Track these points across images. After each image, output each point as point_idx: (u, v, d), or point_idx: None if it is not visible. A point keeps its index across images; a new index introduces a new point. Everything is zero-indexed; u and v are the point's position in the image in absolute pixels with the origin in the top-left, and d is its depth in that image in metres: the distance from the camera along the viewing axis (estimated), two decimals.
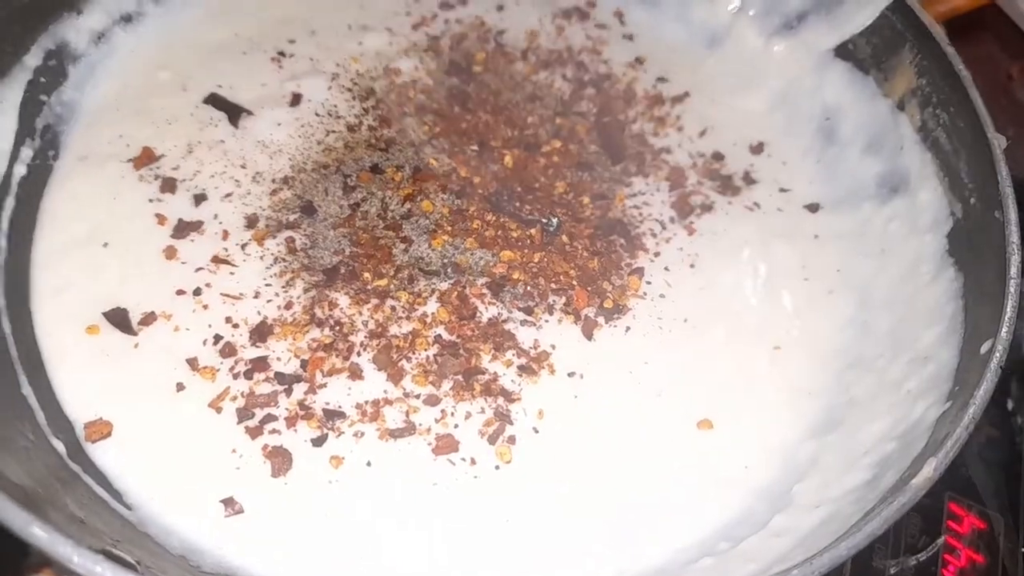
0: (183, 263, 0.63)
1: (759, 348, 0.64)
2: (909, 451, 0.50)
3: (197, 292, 0.61)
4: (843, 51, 0.75)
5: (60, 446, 0.53)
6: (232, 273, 0.63)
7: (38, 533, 0.37)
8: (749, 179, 0.75)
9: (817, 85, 0.76)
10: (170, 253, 0.63)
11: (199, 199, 0.66)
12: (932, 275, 0.62)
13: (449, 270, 0.65)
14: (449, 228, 0.67)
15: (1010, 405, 0.72)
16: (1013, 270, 0.54)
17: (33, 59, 0.66)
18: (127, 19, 0.73)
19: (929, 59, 0.67)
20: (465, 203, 0.69)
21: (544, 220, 0.68)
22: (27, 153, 0.64)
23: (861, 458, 0.54)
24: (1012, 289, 0.52)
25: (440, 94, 0.77)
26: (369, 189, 0.69)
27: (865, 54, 0.74)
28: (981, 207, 0.60)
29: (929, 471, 0.45)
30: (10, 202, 0.62)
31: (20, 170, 0.64)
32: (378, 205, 0.68)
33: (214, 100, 0.72)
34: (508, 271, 0.65)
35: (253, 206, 0.67)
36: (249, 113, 0.72)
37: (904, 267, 0.66)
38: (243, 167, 0.69)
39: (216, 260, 0.63)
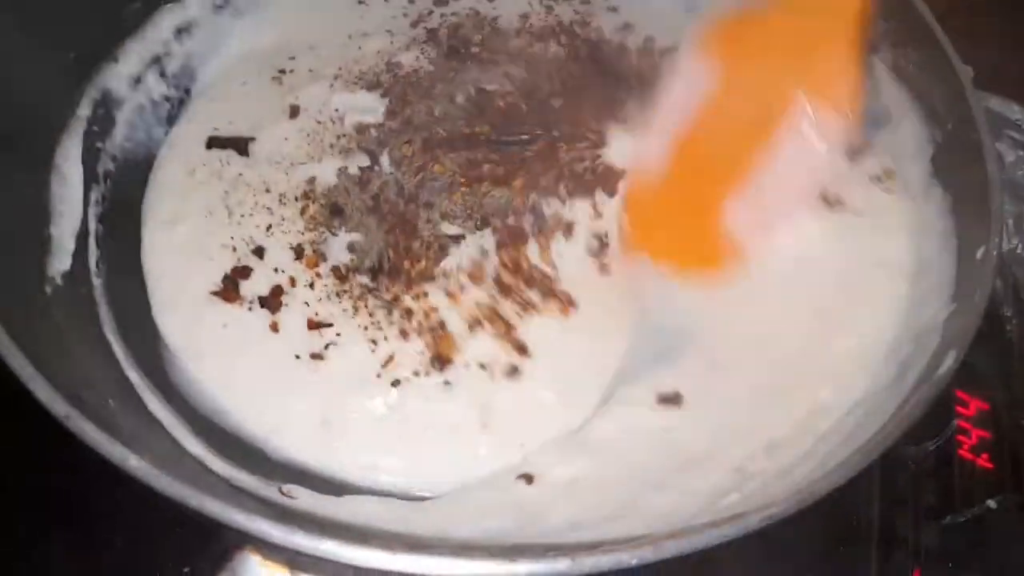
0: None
1: None
2: (926, 350, 0.59)
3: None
4: None
5: None
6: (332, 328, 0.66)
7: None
8: None
9: None
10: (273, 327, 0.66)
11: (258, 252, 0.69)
12: (923, 196, 0.71)
13: (478, 220, 0.71)
14: (463, 180, 0.74)
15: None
16: (992, 184, 0.62)
17: (84, 110, 0.71)
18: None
19: (893, 3, 0.75)
20: (473, 152, 0.75)
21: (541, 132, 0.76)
22: (95, 196, 0.70)
23: (882, 361, 0.63)
24: (995, 197, 0.61)
25: (441, 74, 0.83)
26: (383, 176, 0.74)
27: None
28: (958, 131, 0.68)
29: (951, 361, 0.53)
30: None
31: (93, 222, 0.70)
32: (395, 187, 0.73)
33: (214, 142, 0.76)
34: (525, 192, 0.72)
35: (292, 232, 0.70)
36: (252, 139, 0.76)
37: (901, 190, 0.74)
38: (267, 191, 0.74)
39: (314, 326, 0.65)
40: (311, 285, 0.67)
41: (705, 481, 0.59)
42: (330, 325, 0.65)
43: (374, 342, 0.64)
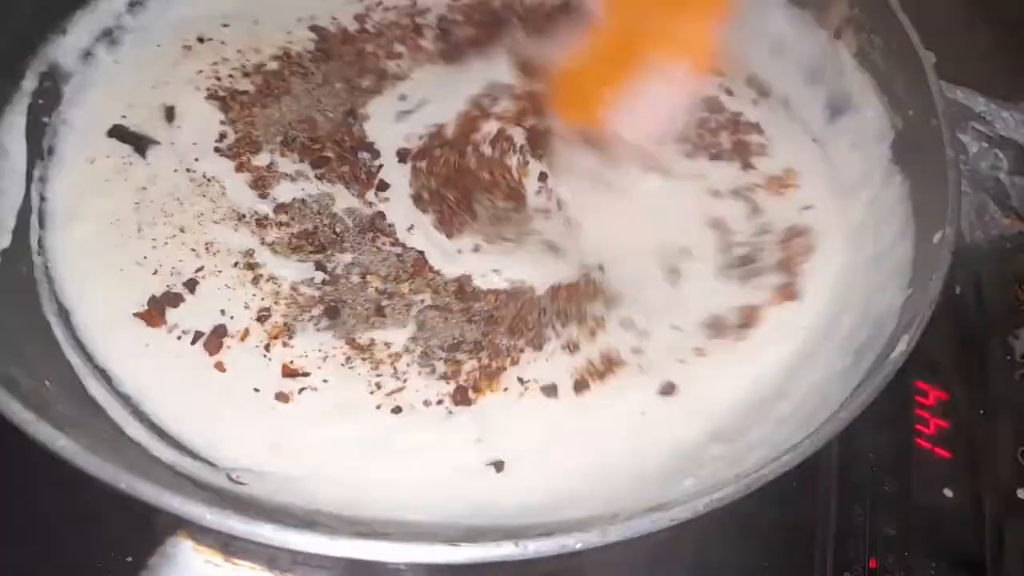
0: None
1: None
2: (882, 333, 0.59)
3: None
4: None
5: None
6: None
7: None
8: None
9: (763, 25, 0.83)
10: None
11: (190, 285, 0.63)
12: (882, 182, 0.71)
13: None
14: None
15: (957, 289, 0.82)
16: (950, 170, 0.62)
17: (30, 83, 0.69)
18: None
19: None
20: None
21: None
22: (39, 173, 0.68)
23: (841, 344, 0.63)
24: (951, 183, 0.61)
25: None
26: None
27: None
28: (918, 117, 0.68)
29: (903, 346, 0.53)
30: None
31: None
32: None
33: (118, 132, 0.70)
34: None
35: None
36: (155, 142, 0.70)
37: (857, 176, 0.74)
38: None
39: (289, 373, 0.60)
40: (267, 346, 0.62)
41: (659, 467, 0.58)
42: (307, 375, 0.61)
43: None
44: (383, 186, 0.71)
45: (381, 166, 0.72)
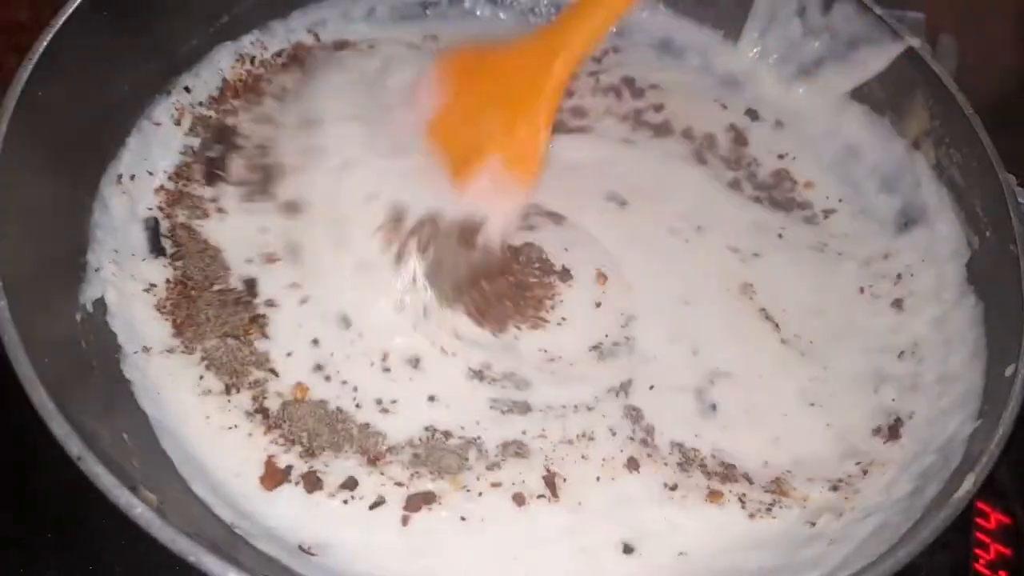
0: None
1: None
2: (948, 464, 0.58)
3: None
4: (860, 94, 0.83)
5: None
6: None
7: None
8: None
9: (836, 126, 0.84)
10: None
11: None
12: (954, 301, 0.70)
13: None
14: None
15: None
16: None
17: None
18: None
19: (941, 103, 0.75)
20: None
21: None
22: None
23: (903, 470, 0.62)
24: None
25: None
26: None
27: (881, 97, 0.81)
28: (996, 240, 0.67)
29: (969, 485, 0.52)
30: None
31: None
32: None
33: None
34: None
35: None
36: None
37: (925, 290, 0.73)
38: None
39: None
40: None
41: None
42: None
43: None
44: None
45: None
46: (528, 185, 0.69)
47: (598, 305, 0.70)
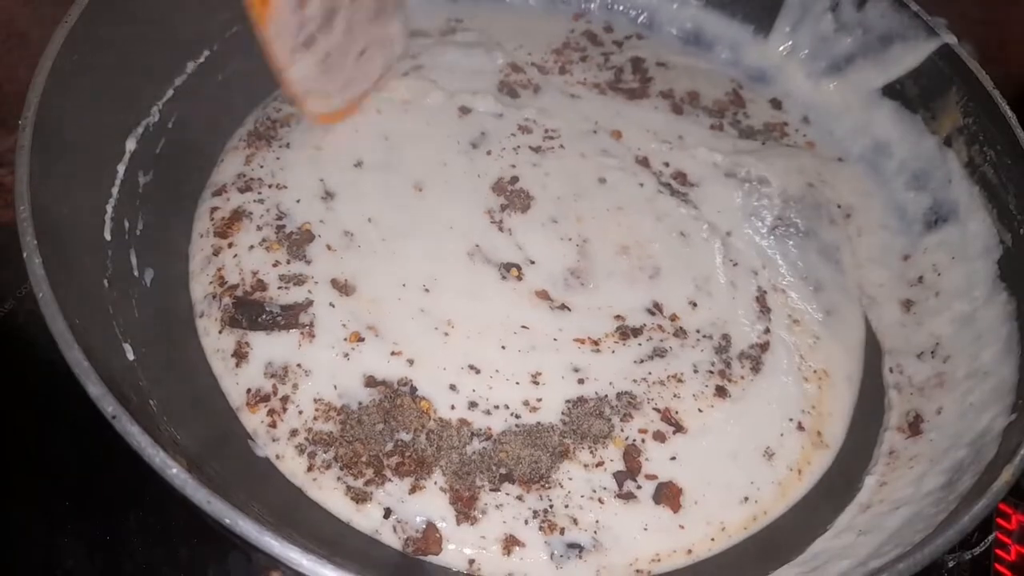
0: None
1: None
2: (980, 458, 0.57)
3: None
4: (891, 90, 0.83)
5: None
6: None
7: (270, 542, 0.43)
8: None
9: (866, 122, 0.84)
10: None
11: None
12: (985, 298, 0.69)
13: None
14: None
15: None
16: None
17: None
18: None
19: (975, 100, 0.75)
20: None
21: None
22: None
23: (934, 464, 0.61)
24: None
25: None
26: None
27: (913, 94, 0.81)
28: None
29: (1007, 475, 0.52)
30: None
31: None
32: None
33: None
34: None
35: None
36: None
37: (954, 288, 0.73)
38: None
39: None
40: None
41: None
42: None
43: None
44: None
45: None
46: None
47: None
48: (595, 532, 0.59)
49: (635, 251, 0.74)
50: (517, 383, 0.65)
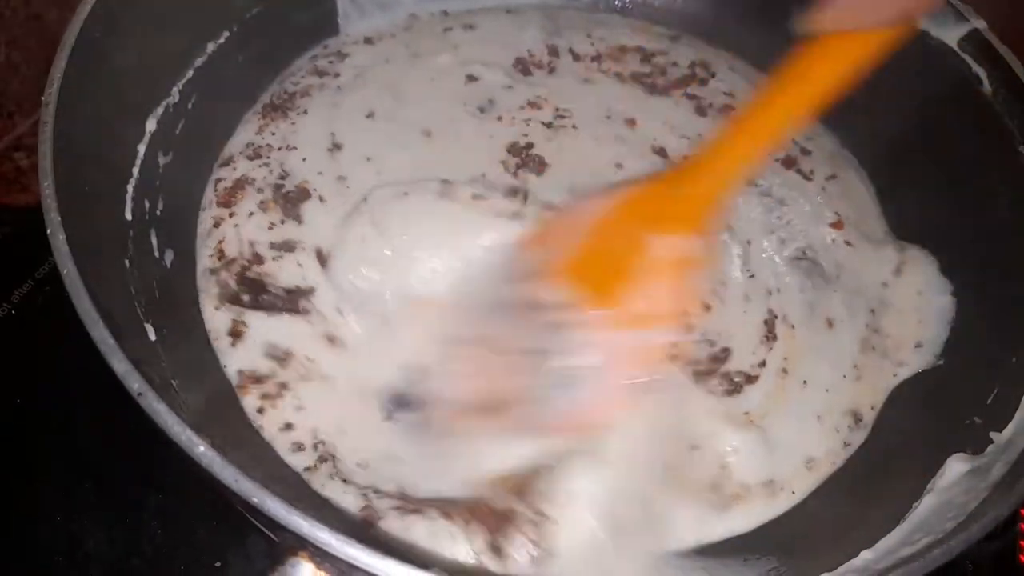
0: None
1: None
2: (1013, 445, 0.56)
3: None
4: None
5: None
6: None
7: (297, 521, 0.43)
8: None
9: None
10: None
11: None
12: None
13: None
14: None
15: None
16: None
17: None
18: None
19: (1005, 85, 0.73)
20: None
21: None
22: None
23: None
24: None
25: None
26: None
27: None
28: None
29: None
30: None
31: None
32: None
33: None
34: None
35: None
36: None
37: None
38: None
39: None
40: None
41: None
42: None
43: None
44: None
45: None
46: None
47: None
48: None
49: None
50: None
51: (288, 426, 0.61)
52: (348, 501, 0.58)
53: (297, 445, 0.60)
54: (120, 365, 0.46)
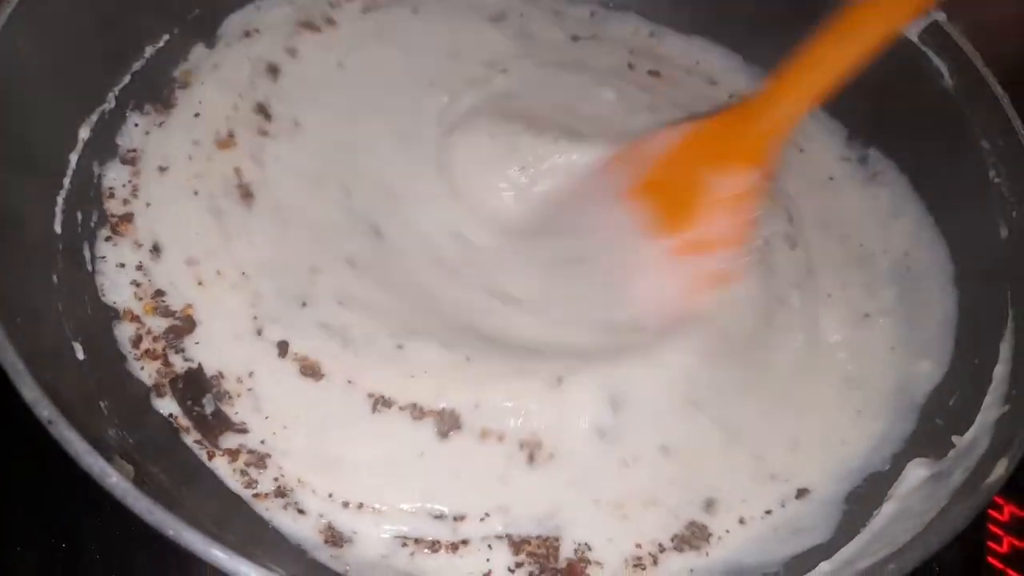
0: None
1: None
2: (973, 449, 0.55)
3: None
4: None
5: None
6: None
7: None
8: None
9: None
10: None
11: None
12: None
13: None
14: None
15: None
16: None
17: None
18: None
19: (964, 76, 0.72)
20: None
21: None
22: None
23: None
24: None
25: None
26: None
27: None
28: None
29: (1001, 470, 0.50)
30: None
31: None
32: None
33: None
34: None
35: None
36: None
37: None
38: None
39: None
40: None
41: None
42: None
43: None
44: None
45: None
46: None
47: None
48: None
49: None
50: None
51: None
52: (300, 525, 0.55)
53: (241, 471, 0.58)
54: (29, 392, 0.43)
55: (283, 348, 0.61)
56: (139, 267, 0.63)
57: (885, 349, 0.69)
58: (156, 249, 0.64)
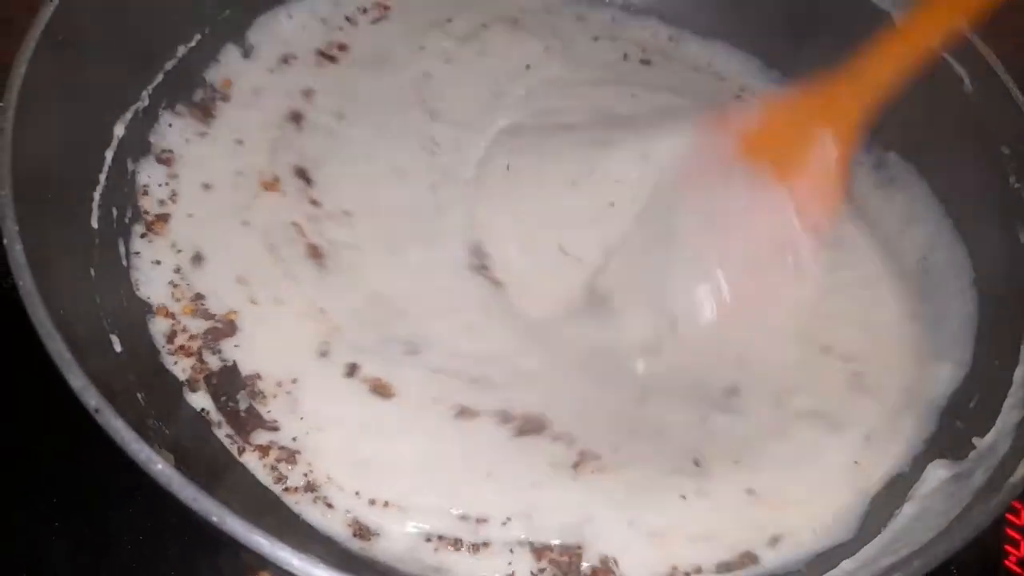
0: None
1: None
2: (994, 451, 0.56)
3: None
4: None
5: None
6: None
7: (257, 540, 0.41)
8: None
9: None
10: None
11: None
12: None
13: None
14: None
15: None
16: None
17: None
18: None
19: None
20: None
21: None
22: None
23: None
24: None
25: None
26: None
27: None
28: None
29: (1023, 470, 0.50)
30: None
31: None
32: None
33: None
34: None
35: None
36: None
37: None
38: None
39: None
40: None
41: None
42: None
43: None
44: None
45: None
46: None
47: None
48: None
49: None
50: None
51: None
52: (330, 519, 0.56)
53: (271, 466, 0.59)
54: (76, 380, 0.44)
55: (352, 369, 0.61)
56: (177, 270, 0.64)
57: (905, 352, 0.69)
58: (198, 258, 0.65)
